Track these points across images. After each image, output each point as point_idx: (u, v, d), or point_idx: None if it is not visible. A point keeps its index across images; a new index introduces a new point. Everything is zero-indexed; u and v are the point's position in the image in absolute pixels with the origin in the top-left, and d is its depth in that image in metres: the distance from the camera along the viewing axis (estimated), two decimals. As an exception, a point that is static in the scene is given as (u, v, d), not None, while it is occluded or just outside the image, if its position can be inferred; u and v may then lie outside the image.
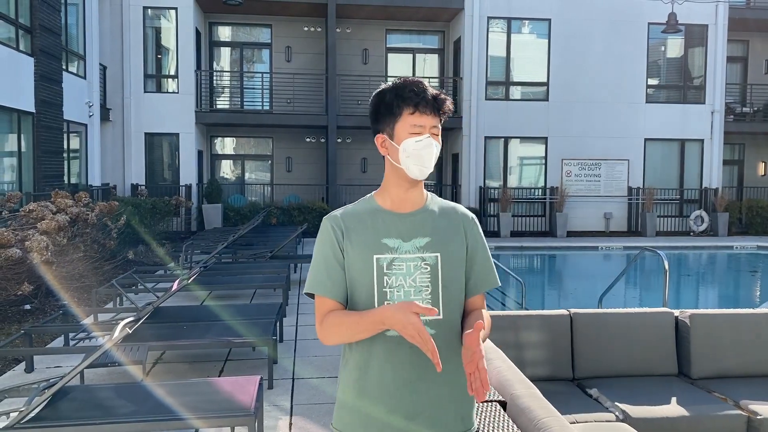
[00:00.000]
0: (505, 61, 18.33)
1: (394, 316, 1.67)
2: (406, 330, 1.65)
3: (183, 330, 5.72)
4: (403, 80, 1.89)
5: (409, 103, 1.84)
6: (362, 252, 1.85)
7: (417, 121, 1.84)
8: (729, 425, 3.52)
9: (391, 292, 1.83)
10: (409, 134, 1.84)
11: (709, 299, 11.06)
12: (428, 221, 1.91)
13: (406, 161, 1.85)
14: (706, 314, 4.21)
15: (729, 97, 19.81)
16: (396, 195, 1.91)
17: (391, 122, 1.87)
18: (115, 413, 3.60)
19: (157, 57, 17.66)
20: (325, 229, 1.89)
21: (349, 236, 1.86)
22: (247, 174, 19.72)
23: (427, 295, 1.84)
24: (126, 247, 11.81)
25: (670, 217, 18.85)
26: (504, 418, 2.32)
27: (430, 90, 1.86)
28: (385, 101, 1.88)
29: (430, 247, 1.87)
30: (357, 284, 1.85)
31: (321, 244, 1.89)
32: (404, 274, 1.84)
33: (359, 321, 1.77)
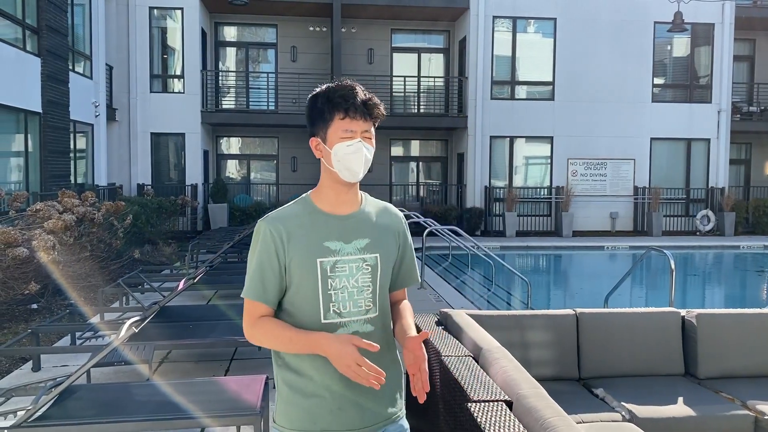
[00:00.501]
0: (511, 61, 18.30)
1: (331, 345, 1.75)
2: (341, 360, 1.72)
3: (189, 329, 5.74)
4: (336, 84, 1.92)
5: (340, 108, 1.87)
6: (305, 256, 1.86)
7: (348, 126, 1.87)
8: (736, 425, 3.50)
9: (335, 294, 1.88)
10: (340, 139, 1.87)
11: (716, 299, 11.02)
12: (367, 222, 1.96)
13: (337, 165, 1.88)
14: (713, 314, 4.19)
15: (735, 96, 19.72)
16: (333, 197, 1.94)
17: (323, 127, 1.90)
18: (122, 412, 3.61)
19: (163, 57, 17.71)
20: (264, 234, 1.88)
21: (290, 241, 1.87)
22: (253, 174, 19.75)
23: (369, 294, 1.91)
24: (132, 247, 11.85)
25: (677, 216, 18.79)
26: (510, 418, 2.32)
27: (360, 95, 1.89)
28: (317, 106, 1.90)
29: (370, 248, 1.93)
30: (301, 288, 1.88)
31: (257, 249, 1.89)
32: (347, 275, 1.89)
33: (293, 339, 1.82)
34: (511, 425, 2.25)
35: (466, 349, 3.23)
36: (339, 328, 1.88)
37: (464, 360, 3.03)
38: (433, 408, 3.18)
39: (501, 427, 2.22)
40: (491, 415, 2.34)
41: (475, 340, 3.27)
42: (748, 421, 3.51)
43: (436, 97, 19.81)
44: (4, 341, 6.50)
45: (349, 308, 1.89)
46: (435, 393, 3.16)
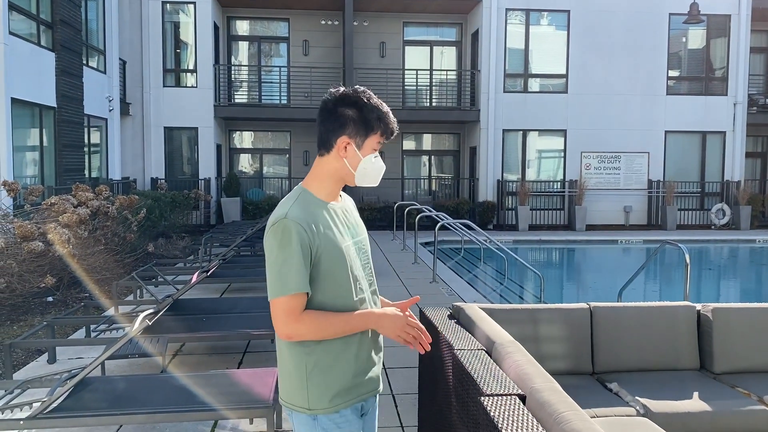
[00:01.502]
0: (524, 53, 18.18)
1: (384, 317, 2.01)
2: (396, 326, 1.99)
3: (202, 322, 5.77)
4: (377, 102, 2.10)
5: (384, 128, 2.10)
6: (333, 244, 2.02)
7: (381, 142, 2.12)
8: (752, 421, 3.47)
9: (357, 273, 2.08)
10: (372, 150, 2.11)
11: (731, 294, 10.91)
12: (349, 210, 2.21)
13: (361, 171, 2.10)
14: (729, 308, 4.15)
15: (752, 89, 19.47)
16: (331, 189, 2.12)
17: (363, 135, 2.08)
18: (136, 404, 3.64)
19: (175, 51, 17.77)
20: (297, 231, 1.95)
21: (318, 234, 1.99)
22: (265, 168, 19.80)
23: (370, 269, 2.18)
24: (146, 240, 11.93)
25: (691, 210, 18.61)
26: (523, 412, 2.30)
27: (395, 123, 2.14)
28: (366, 116, 2.07)
29: (360, 231, 2.18)
30: (334, 273, 2.02)
31: (293, 245, 1.94)
32: (356, 256, 2.10)
33: (349, 321, 2.00)
34: (524, 419, 2.23)
35: (479, 343, 3.22)
36: (363, 302, 2.09)
37: (477, 354, 3.01)
38: (446, 402, 3.17)
39: (514, 422, 2.21)
40: (504, 409, 2.33)
41: (488, 334, 3.26)
42: (764, 416, 3.47)
43: (448, 90, 19.73)
44: (20, 333, 6.57)
45: (364, 284, 2.11)
46: (448, 386, 3.15)
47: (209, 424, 4.28)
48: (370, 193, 18.73)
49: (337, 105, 2.07)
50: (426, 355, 3.74)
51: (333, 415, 2.04)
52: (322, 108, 2.11)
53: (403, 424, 4.30)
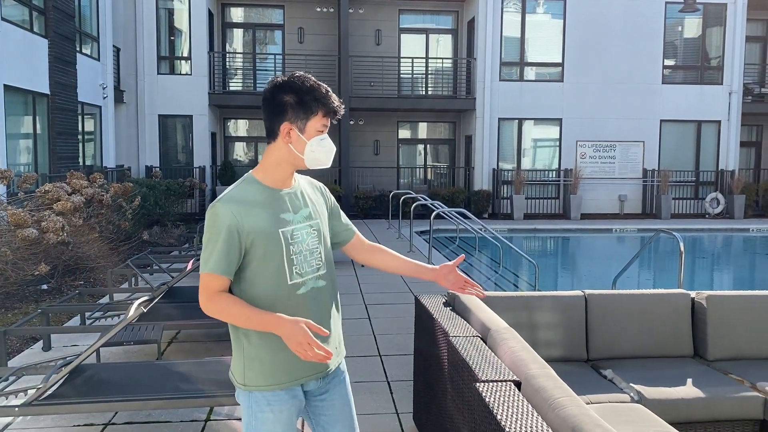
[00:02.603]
0: (520, 42, 18.12)
1: (285, 326, 1.96)
2: (294, 338, 1.94)
3: (197, 309, 5.75)
4: (313, 83, 2.14)
5: (324, 107, 2.13)
6: (268, 228, 2.08)
7: (325, 122, 2.15)
8: (745, 407, 3.49)
9: (296, 258, 2.13)
10: (316, 132, 2.14)
11: (725, 282, 10.97)
12: (304, 195, 2.24)
13: (309, 155, 2.14)
14: (723, 296, 4.17)
15: (747, 78, 19.48)
16: (281, 176, 2.17)
17: (303, 118, 2.12)
18: (131, 391, 3.64)
19: (170, 39, 17.64)
20: (224, 214, 2.04)
21: (248, 218, 2.06)
22: (260, 156, 19.71)
23: (318, 254, 2.20)
24: (141, 228, 11.90)
25: (686, 199, 18.67)
26: (519, 398, 2.31)
27: (336, 99, 2.17)
28: (302, 97, 2.10)
29: (312, 216, 2.21)
30: (268, 256, 2.09)
31: (218, 226, 2.04)
32: (301, 240, 2.15)
33: (251, 317, 2.02)
34: (519, 405, 2.24)
35: (474, 330, 3.23)
36: (301, 287, 2.13)
37: (472, 340, 3.02)
38: (441, 388, 3.18)
39: (510, 407, 2.22)
40: (500, 395, 2.34)
41: (483, 321, 3.26)
42: (757, 402, 3.50)
43: (444, 78, 19.67)
44: (14, 321, 6.56)
45: (305, 269, 2.15)
46: (443, 373, 3.16)
47: (205, 411, 4.28)
48: (365, 182, 18.71)
49: (275, 93, 2.13)
50: (421, 342, 3.75)
51: (266, 393, 2.12)
52: (262, 98, 2.18)
53: (398, 411, 4.32)
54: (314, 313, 2.15)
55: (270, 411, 2.13)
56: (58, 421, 4.11)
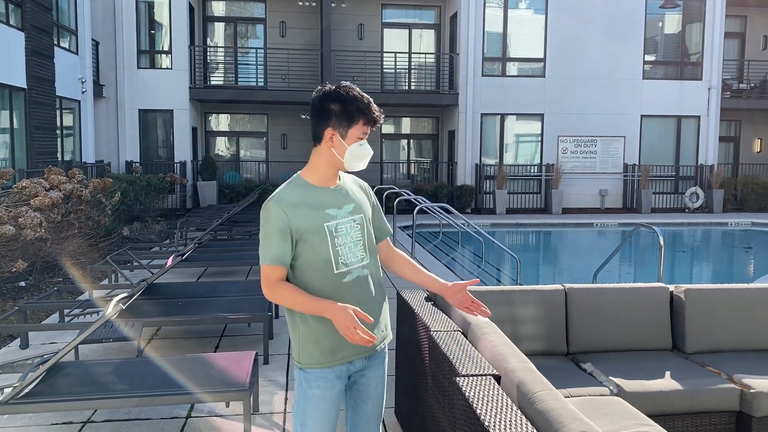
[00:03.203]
0: (502, 37, 18.17)
1: (336, 311, 2.20)
2: (342, 322, 2.18)
3: (178, 306, 5.72)
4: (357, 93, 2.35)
5: (365, 117, 2.35)
6: (315, 223, 2.33)
7: (365, 130, 2.37)
8: (722, 399, 3.54)
9: (341, 249, 2.37)
10: (357, 138, 2.36)
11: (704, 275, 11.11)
12: (348, 192, 2.47)
13: (349, 158, 2.37)
14: (701, 289, 4.22)
15: (726, 74, 19.71)
16: (325, 175, 2.41)
17: (346, 126, 2.34)
18: (110, 389, 3.60)
19: (150, 32, 17.45)
20: (275, 211, 2.31)
21: (298, 213, 2.32)
22: (242, 151, 19.61)
23: (362, 246, 2.43)
24: (121, 224, 11.78)
25: (666, 193, 18.87)
26: (498, 392, 2.32)
27: (376, 110, 2.37)
28: (347, 108, 2.33)
29: (356, 210, 2.44)
30: (316, 248, 2.34)
31: (272, 222, 2.31)
32: (345, 233, 2.39)
33: (306, 302, 2.28)
34: (499, 399, 2.25)
35: (455, 324, 3.24)
36: (346, 275, 2.37)
37: (453, 335, 3.03)
38: (422, 382, 3.18)
39: (489, 401, 2.22)
40: (480, 389, 2.34)
41: (464, 316, 3.27)
42: (733, 394, 3.55)
43: (427, 73, 19.67)
44: (-9, 319, 6.46)
45: (350, 259, 2.39)
46: (424, 368, 3.16)
47: (185, 408, 4.26)
48: (348, 177, 18.63)
49: (322, 101, 2.36)
50: (403, 337, 3.75)
51: (316, 372, 2.38)
52: (311, 104, 2.41)
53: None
54: (360, 299, 2.38)
55: (318, 388, 2.38)
56: (35, 419, 4.06)
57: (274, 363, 5.22)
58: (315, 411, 2.40)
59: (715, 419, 3.57)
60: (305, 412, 2.41)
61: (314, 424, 2.40)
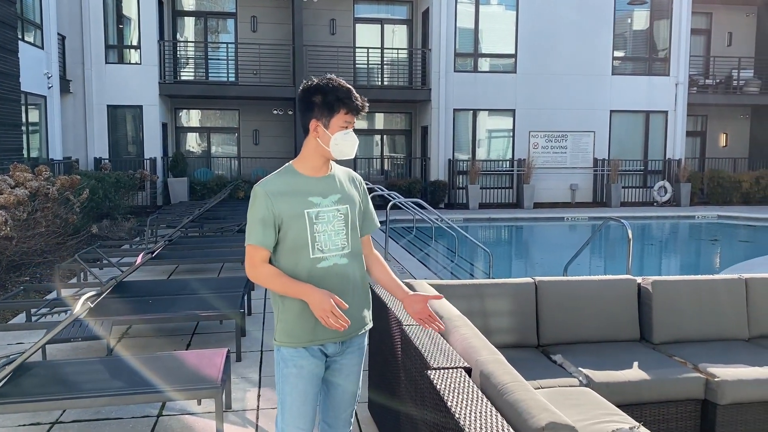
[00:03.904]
0: (474, 33, 18.25)
1: (314, 294, 2.34)
2: (320, 306, 2.32)
3: (149, 304, 5.65)
4: (337, 83, 2.46)
5: (346, 105, 2.45)
6: (295, 208, 2.45)
7: (348, 119, 2.49)
8: (688, 388, 3.62)
9: (320, 236, 2.48)
10: (340, 128, 2.47)
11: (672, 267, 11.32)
12: (337, 182, 2.56)
13: (334, 147, 2.48)
14: (668, 281, 4.30)
15: (692, 70, 20.08)
16: (314, 164, 2.54)
17: (328, 116, 2.46)
18: (79, 388, 3.54)
19: (118, 27, 17.16)
20: (260, 195, 2.45)
21: (280, 198, 2.44)
22: (214, 147, 19.41)
23: (344, 235, 2.52)
24: (90, 222, 11.58)
25: (635, 187, 19.17)
26: (468, 384, 2.34)
27: (359, 99, 2.49)
28: (328, 99, 2.44)
29: (342, 201, 2.54)
30: (294, 231, 2.45)
31: (256, 207, 2.45)
32: (327, 221, 2.49)
33: (286, 284, 2.42)
34: (469, 391, 2.27)
35: (426, 319, 3.25)
36: (322, 261, 2.47)
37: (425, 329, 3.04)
38: (395, 376, 3.20)
39: (459, 393, 2.24)
40: (450, 381, 2.36)
41: (436, 309, 3.29)
42: (699, 383, 3.63)
43: (399, 69, 19.68)
44: (-45, 320, 6.31)
45: (329, 246, 2.49)
46: (396, 362, 3.17)
47: (157, 407, 4.22)
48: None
49: (306, 94, 2.48)
50: (376, 332, 3.76)
51: (290, 350, 2.51)
52: (296, 99, 2.56)
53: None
54: (335, 285, 2.47)
55: (294, 366, 2.50)
56: (2, 421, 3.99)
57: (247, 360, 5.19)
58: (293, 389, 2.51)
59: (681, 408, 3.65)
60: (283, 391, 2.53)
61: (293, 401, 2.51)
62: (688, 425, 3.66)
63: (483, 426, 1.99)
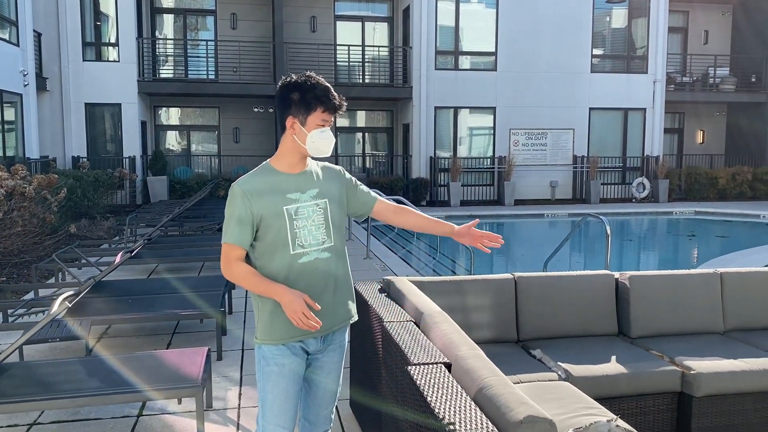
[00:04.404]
0: (454, 31, 18.31)
1: (285, 295, 2.36)
2: (291, 306, 2.34)
3: (128, 304, 5.60)
4: (315, 81, 2.45)
5: (323, 104, 2.45)
6: (274, 206, 2.45)
7: (325, 117, 2.47)
8: (665, 381, 3.67)
9: (300, 231, 2.48)
10: (316, 125, 2.46)
11: (650, 262, 11.46)
12: (314, 177, 2.57)
13: (311, 145, 2.48)
14: (645, 276, 4.36)
15: (670, 67, 20.33)
16: (290, 161, 2.54)
17: (305, 113, 2.45)
18: (57, 389, 3.51)
19: (95, 24, 16.95)
20: (238, 194, 2.45)
21: (259, 197, 2.44)
22: (194, 145, 19.27)
23: (324, 229, 2.53)
24: (68, 222, 11.45)
25: (614, 184, 19.37)
26: (448, 380, 2.36)
27: (337, 97, 2.48)
28: (305, 97, 2.44)
29: (320, 195, 2.55)
30: (273, 229, 2.45)
31: (234, 205, 2.45)
32: (306, 216, 2.50)
33: (260, 284, 2.43)
34: (449, 386, 2.29)
35: (407, 315, 3.27)
36: (303, 256, 2.48)
37: (406, 325, 3.06)
38: (376, 373, 3.21)
39: (439, 389, 2.26)
40: (430, 377, 2.38)
41: (417, 306, 3.31)
42: (675, 376, 3.68)
43: (380, 67, 19.68)
44: (-70, 321, 6.21)
45: (309, 241, 2.50)
46: (377, 358, 3.19)
47: (136, 407, 4.19)
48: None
49: (283, 91, 2.48)
50: (357, 329, 3.77)
51: (271, 347, 2.51)
52: (275, 96, 2.55)
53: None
54: (317, 279, 2.50)
55: (275, 365, 2.50)
56: (-22, 423, 3.94)
57: (228, 359, 5.17)
58: (274, 387, 2.51)
59: (658, 400, 3.71)
60: (265, 389, 2.53)
61: (274, 399, 2.51)
62: (664, 417, 3.72)
63: (462, 420, 2.01)
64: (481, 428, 1.96)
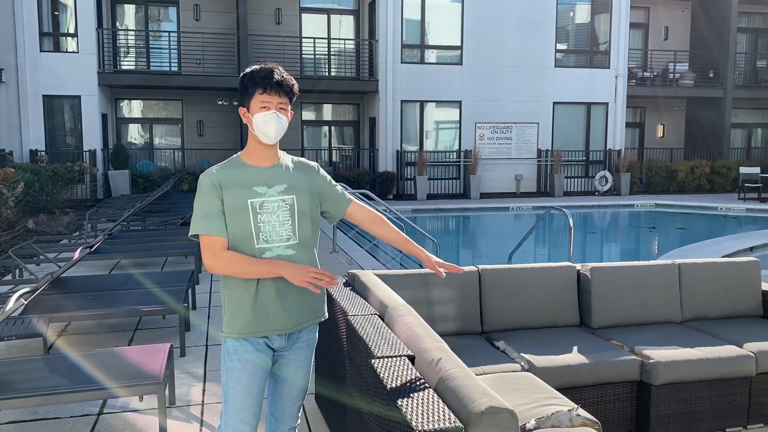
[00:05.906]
0: (420, 25, 18.33)
1: (287, 266, 2.35)
2: (298, 274, 2.31)
3: (88, 300, 5.49)
4: (260, 66, 2.44)
5: (259, 85, 2.41)
6: (239, 198, 2.42)
7: (265, 99, 2.42)
8: (624, 370, 3.74)
9: (263, 226, 2.45)
10: (259, 109, 2.43)
11: (612, 254, 11.67)
12: (284, 172, 2.53)
13: (257, 130, 2.45)
14: (606, 267, 4.43)
15: (632, 62, 20.70)
16: (257, 153, 2.51)
17: (248, 99, 2.45)
18: (12, 388, 3.42)
19: (53, 14, 16.50)
20: (206, 184, 2.43)
21: (226, 188, 2.42)
22: (156, 138, 18.95)
23: (289, 226, 2.49)
24: (26, 217, 11.16)
25: (577, 177, 19.68)
26: (412, 372, 2.37)
27: (276, 75, 2.41)
28: (244, 82, 2.44)
29: (288, 191, 2.50)
30: (239, 222, 2.42)
31: (203, 196, 2.43)
32: (271, 211, 2.46)
33: (258, 263, 2.39)
34: (412, 378, 2.29)
35: (372, 308, 3.27)
36: (266, 251, 2.44)
37: (370, 318, 3.06)
38: (341, 367, 3.20)
39: (402, 381, 2.26)
40: (393, 369, 2.38)
41: (381, 299, 3.31)
42: (634, 365, 3.76)
43: (347, 60, 19.60)
44: None
45: (273, 237, 2.45)
46: (342, 352, 3.18)
47: (97, 405, 4.11)
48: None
49: (239, 84, 2.49)
50: (322, 323, 3.76)
51: (234, 342, 2.49)
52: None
53: (301, 393, 4.31)
54: (280, 277, 2.43)
55: (238, 360, 2.47)
56: (-70, 425, 3.82)
57: (192, 355, 5.11)
58: (237, 383, 2.48)
59: (618, 389, 3.78)
60: (227, 384, 2.50)
61: (236, 395, 2.49)
62: (624, 405, 3.80)
63: (425, 412, 2.01)
64: (442, 419, 1.97)
